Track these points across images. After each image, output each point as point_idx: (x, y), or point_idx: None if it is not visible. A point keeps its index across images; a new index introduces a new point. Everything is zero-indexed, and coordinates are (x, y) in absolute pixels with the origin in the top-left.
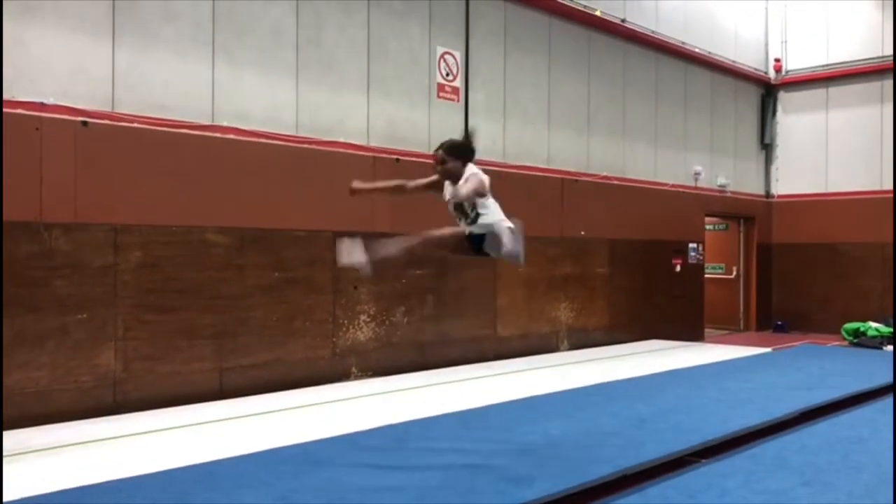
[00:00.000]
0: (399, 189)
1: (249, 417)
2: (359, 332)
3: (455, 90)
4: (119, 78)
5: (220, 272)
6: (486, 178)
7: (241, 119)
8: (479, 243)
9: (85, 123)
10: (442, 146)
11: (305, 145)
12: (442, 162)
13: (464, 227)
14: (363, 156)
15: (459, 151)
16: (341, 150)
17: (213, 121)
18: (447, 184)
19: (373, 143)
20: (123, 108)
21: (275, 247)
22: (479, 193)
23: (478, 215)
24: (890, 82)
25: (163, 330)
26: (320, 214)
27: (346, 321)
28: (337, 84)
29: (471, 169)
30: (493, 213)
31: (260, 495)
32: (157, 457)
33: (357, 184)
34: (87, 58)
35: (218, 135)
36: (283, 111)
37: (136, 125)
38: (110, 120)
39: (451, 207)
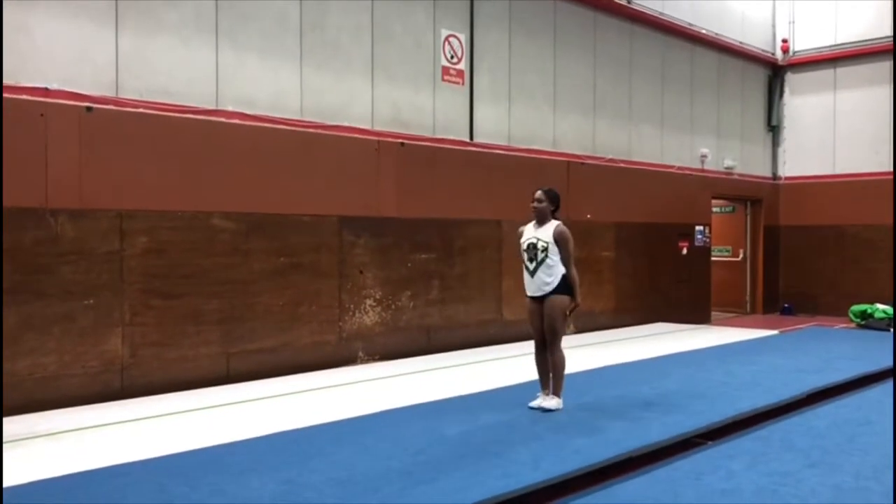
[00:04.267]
0: None
1: (256, 402)
2: (365, 317)
3: (460, 73)
4: (123, 63)
5: (226, 258)
6: (569, 234)
7: (246, 104)
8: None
9: (89, 109)
10: (542, 189)
11: (310, 130)
12: (540, 200)
13: (529, 292)
14: (368, 140)
15: (554, 198)
16: (346, 134)
17: (217, 106)
18: (531, 226)
19: (377, 128)
20: (128, 94)
21: (280, 232)
22: (567, 250)
23: (546, 255)
24: None
25: (169, 315)
26: (326, 199)
27: (352, 306)
28: (341, 68)
29: (556, 221)
30: (558, 268)
31: (266, 479)
32: (164, 441)
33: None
34: (90, 43)
35: (223, 120)
36: (288, 96)
37: (140, 111)
38: (115, 105)
39: (524, 246)
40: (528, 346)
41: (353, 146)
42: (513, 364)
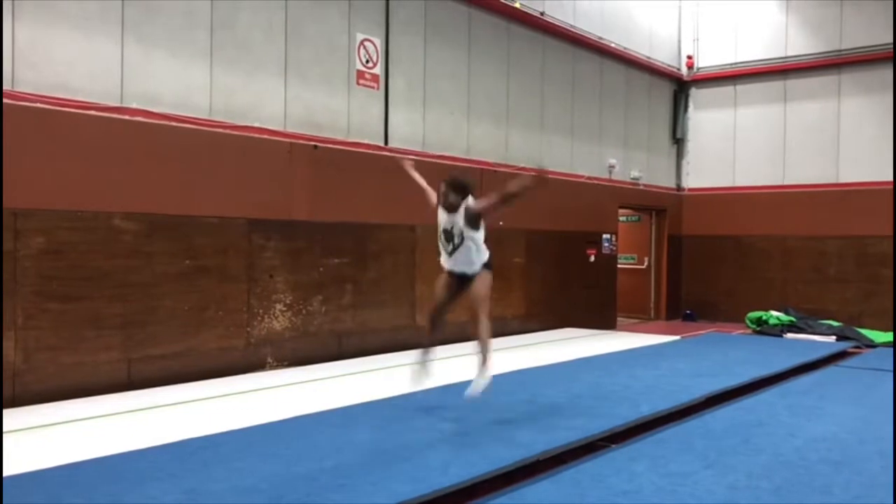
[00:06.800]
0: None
1: (159, 409)
2: (274, 322)
3: (375, 77)
4: (19, 55)
5: (128, 259)
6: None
7: (152, 101)
8: (462, 279)
9: None
10: (445, 181)
11: (219, 130)
12: (445, 195)
13: (447, 267)
14: (280, 141)
15: (461, 189)
16: (256, 135)
17: (121, 102)
18: (441, 211)
19: (290, 129)
20: (24, 87)
21: (186, 234)
22: (482, 207)
23: (462, 241)
24: (790, 82)
25: (67, 319)
26: (234, 201)
27: (260, 310)
28: (253, 67)
29: (469, 201)
30: (479, 249)
31: (167, 488)
32: (59, 451)
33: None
34: None
35: (126, 117)
36: (196, 94)
37: (38, 105)
38: (10, 99)
39: (440, 231)
40: (442, 352)
41: (265, 147)
42: None
